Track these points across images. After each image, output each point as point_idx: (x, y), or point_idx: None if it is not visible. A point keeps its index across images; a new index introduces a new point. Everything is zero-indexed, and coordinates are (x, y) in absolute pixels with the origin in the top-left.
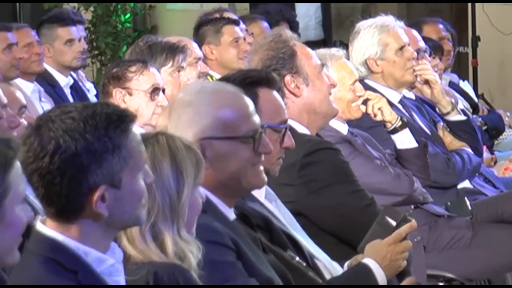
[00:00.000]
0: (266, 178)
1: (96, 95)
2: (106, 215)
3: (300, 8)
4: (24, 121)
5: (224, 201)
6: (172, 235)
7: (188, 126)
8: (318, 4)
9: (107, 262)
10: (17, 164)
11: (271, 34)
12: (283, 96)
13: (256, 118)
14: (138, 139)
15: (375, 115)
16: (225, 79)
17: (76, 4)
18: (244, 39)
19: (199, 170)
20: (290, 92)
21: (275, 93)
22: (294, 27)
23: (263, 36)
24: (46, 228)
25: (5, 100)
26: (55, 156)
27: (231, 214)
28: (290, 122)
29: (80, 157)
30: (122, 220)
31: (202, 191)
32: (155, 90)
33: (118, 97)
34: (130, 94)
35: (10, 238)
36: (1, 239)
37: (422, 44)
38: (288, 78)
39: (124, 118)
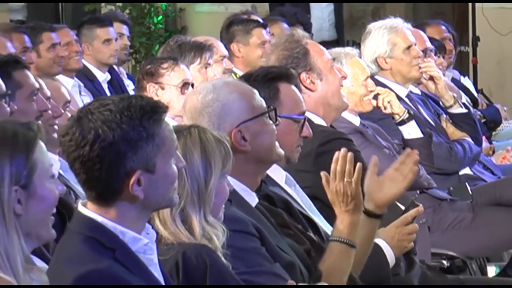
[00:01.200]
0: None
1: (134, 90)
2: (142, 197)
3: (314, 11)
4: (68, 113)
5: (249, 184)
6: (199, 219)
7: (222, 118)
8: (332, 7)
9: (142, 242)
10: (40, 143)
11: (285, 35)
12: (300, 91)
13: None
14: (170, 128)
15: (384, 108)
16: (248, 75)
17: (113, 7)
18: (269, 41)
19: (227, 161)
20: (306, 87)
21: (294, 87)
22: (307, 29)
23: (278, 37)
24: (87, 210)
25: (48, 93)
26: (95, 145)
27: (253, 199)
28: (307, 114)
29: (117, 145)
30: (156, 202)
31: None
32: (185, 85)
33: (152, 91)
34: (162, 89)
35: (43, 211)
36: (34, 213)
37: (429, 44)
38: (303, 75)
39: (157, 109)
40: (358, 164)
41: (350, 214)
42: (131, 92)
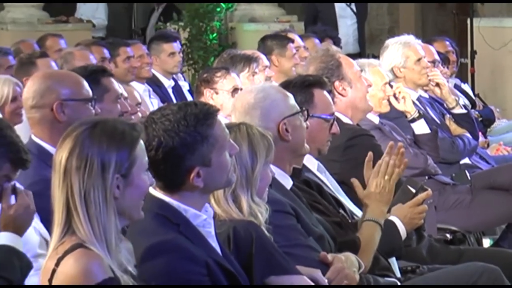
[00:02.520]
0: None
1: (189, 91)
2: (202, 186)
3: (341, 28)
4: (139, 113)
5: (285, 169)
6: (247, 199)
7: (272, 111)
8: (355, 26)
9: (201, 217)
10: (141, 142)
11: (321, 49)
12: (333, 96)
13: None
14: (223, 126)
15: (396, 99)
16: (288, 81)
17: (176, 26)
18: (296, 51)
19: (270, 151)
20: (339, 93)
21: (325, 92)
22: (336, 42)
23: (316, 51)
24: (157, 192)
25: (126, 95)
26: (159, 150)
27: (288, 183)
28: (338, 114)
29: (176, 150)
30: (214, 187)
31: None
32: (235, 90)
33: (208, 95)
34: (217, 93)
35: (137, 197)
36: (130, 198)
37: (436, 56)
38: (336, 83)
39: (209, 116)
40: (398, 169)
41: (382, 205)
42: (186, 93)
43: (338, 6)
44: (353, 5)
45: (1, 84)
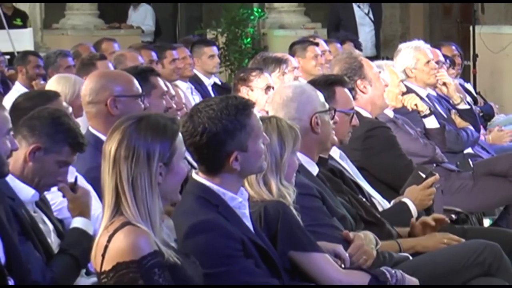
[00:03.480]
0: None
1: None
2: (239, 169)
3: (361, 35)
4: (185, 109)
5: (313, 158)
6: (276, 182)
7: (307, 105)
8: (373, 32)
9: (237, 200)
10: (180, 134)
11: (346, 52)
12: (355, 93)
13: None
14: (258, 118)
15: (412, 109)
16: (313, 80)
17: (215, 32)
18: (322, 54)
19: (296, 141)
20: (360, 91)
21: (346, 89)
22: (357, 45)
23: (341, 53)
24: (198, 177)
25: (173, 93)
26: (203, 135)
27: (315, 170)
28: (359, 109)
29: (219, 135)
30: (250, 171)
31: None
32: (268, 88)
33: (244, 92)
34: (252, 90)
35: (176, 183)
36: (171, 183)
37: (442, 58)
38: (358, 82)
39: (247, 107)
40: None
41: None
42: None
43: (358, 15)
44: (371, 14)
45: (73, 82)
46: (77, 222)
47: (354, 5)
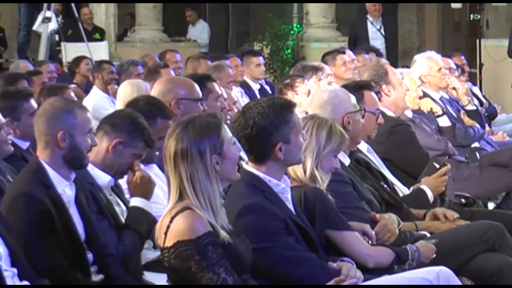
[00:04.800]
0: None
1: (259, 90)
2: (282, 159)
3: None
4: (235, 109)
5: (345, 151)
6: (312, 164)
7: (340, 107)
8: (384, 45)
9: (281, 186)
10: (224, 125)
11: (374, 61)
12: (380, 96)
13: None
14: (298, 116)
15: (427, 111)
16: (345, 85)
17: (261, 44)
18: (351, 62)
19: (342, 145)
20: (385, 94)
21: (373, 93)
22: (379, 54)
23: (370, 62)
24: (248, 166)
25: (225, 96)
26: (253, 128)
27: (347, 161)
28: (384, 109)
29: (267, 127)
30: (291, 161)
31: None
32: (308, 92)
33: (290, 96)
34: (297, 94)
35: (232, 165)
36: (228, 167)
37: (453, 65)
38: (384, 86)
39: (290, 105)
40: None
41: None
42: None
43: (370, 31)
44: (382, 30)
45: (141, 86)
46: (136, 202)
47: (368, 22)
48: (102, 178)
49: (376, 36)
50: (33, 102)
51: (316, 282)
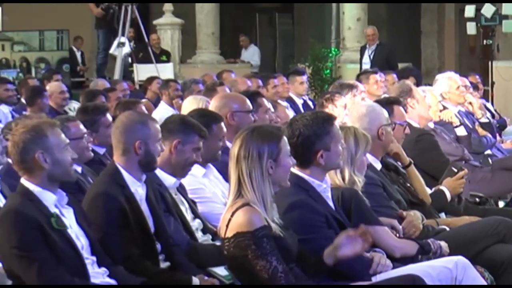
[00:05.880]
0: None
1: (303, 105)
2: (323, 164)
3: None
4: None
5: (378, 157)
6: (349, 171)
7: (374, 122)
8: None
9: (322, 186)
10: (284, 137)
11: (401, 81)
12: (406, 109)
13: None
14: (338, 128)
15: (448, 121)
16: (378, 100)
17: (304, 65)
18: (382, 81)
19: (368, 145)
20: (410, 107)
21: (401, 107)
22: (419, 79)
23: (397, 82)
24: (295, 170)
25: (272, 109)
26: (299, 138)
27: (378, 166)
28: (410, 121)
29: (310, 137)
30: (331, 166)
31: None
32: (345, 106)
33: (330, 108)
34: (336, 107)
35: (284, 173)
36: (280, 174)
37: (468, 84)
38: (409, 99)
39: (331, 118)
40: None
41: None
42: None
43: (364, 56)
44: (372, 55)
45: (201, 101)
46: None
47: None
48: (168, 180)
49: (366, 61)
50: (109, 116)
51: (352, 269)
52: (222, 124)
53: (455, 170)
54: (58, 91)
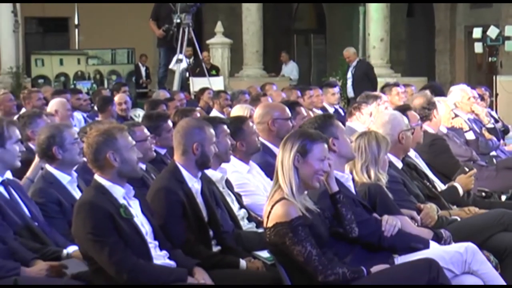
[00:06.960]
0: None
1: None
2: (337, 151)
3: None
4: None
5: (399, 158)
6: (375, 171)
7: (395, 128)
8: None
9: (344, 177)
10: (323, 144)
11: (423, 92)
12: (431, 118)
13: None
14: (340, 124)
15: (459, 127)
16: (396, 108)
17: (335, 79)
18: (402, 92)
19: (388, 146)
20: (434, 116)
21: (412, 111)
22: (437, 92)
23: (419, 93)
24: None
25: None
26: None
27: (399, 165)
28: (427, 128)
29: (319, 128)
30: (345, 154)
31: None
32: (370, 114)
33: (357, 115)
34: (362, 115)
35: (308, 172)
36: (306, 170)
37: (476, 95)
38: (434, 111)
39: (330, 115)
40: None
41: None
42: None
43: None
44: (352, 71)
45: (247, 110)
46: None
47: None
48: (216, 175)
49: (349, 76)
50: (170, 122)
51: (376, 236)
52: (249, 121)
53: (466, 170)
54: (118, 102)
